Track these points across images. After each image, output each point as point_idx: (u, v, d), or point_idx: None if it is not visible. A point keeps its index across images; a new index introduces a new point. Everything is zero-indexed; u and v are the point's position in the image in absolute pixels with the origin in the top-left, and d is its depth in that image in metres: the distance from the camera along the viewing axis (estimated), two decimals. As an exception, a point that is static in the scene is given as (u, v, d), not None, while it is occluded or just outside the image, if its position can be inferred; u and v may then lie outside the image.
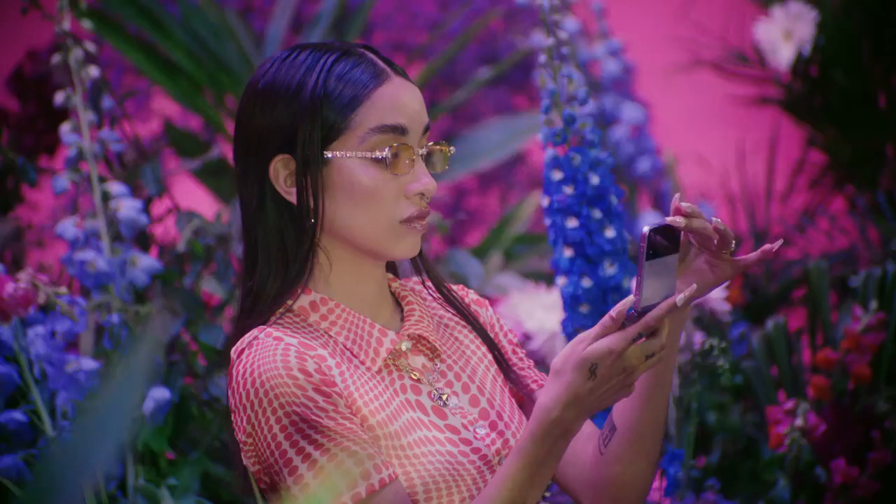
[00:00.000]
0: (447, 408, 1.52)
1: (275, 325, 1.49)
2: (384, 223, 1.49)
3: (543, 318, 2.49)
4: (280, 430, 1.43)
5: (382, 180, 1.49)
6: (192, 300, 2.31)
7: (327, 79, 1.49)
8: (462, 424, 1.52)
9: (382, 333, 1.52)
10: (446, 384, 1.54)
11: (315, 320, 1.51)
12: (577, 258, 1.97)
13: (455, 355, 1.58)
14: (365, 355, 1.51)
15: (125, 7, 3.09)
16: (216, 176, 3.22)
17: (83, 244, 2.23)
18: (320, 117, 1.49)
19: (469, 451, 1.50)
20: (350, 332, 1.51)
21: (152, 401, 2.13)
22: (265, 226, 1.51)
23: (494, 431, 1.53)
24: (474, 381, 1.56)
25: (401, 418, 1.48)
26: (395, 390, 1.51)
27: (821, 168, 3.47)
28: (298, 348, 1.45)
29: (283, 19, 3.42)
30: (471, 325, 1.59)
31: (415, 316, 1.56)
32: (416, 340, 1.55)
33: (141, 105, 3.67)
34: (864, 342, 2.28)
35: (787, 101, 3.44)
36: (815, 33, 3.31)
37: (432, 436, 1.49)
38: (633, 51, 3.65)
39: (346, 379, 1.47)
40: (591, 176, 1.97)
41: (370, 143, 1.49)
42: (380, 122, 1.49)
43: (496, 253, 3.13)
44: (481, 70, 3.59)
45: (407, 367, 1.53)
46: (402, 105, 1.50)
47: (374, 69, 1.51)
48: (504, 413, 1.55)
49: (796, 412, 2.23)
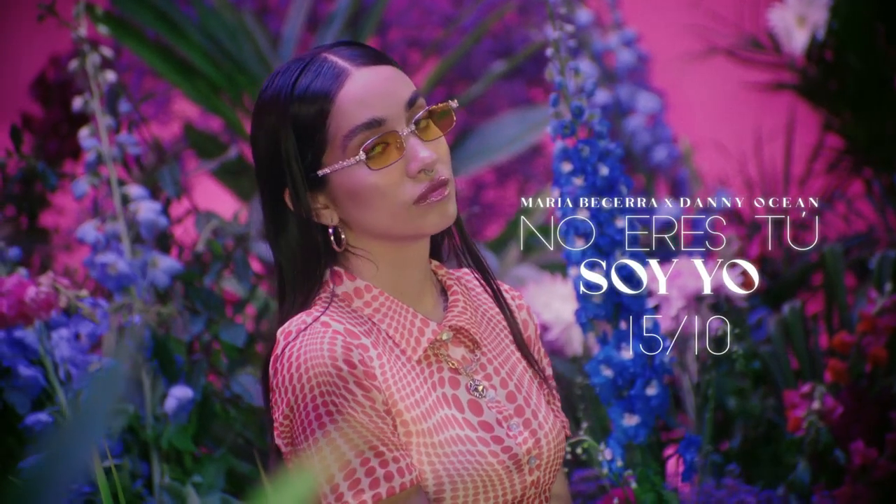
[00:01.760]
0: (483, 400, 1.55)
1: (320, 309, 1.52)
2: (401, 211, 1.51)
3: (560, 308, 2.51)
4: (315, 419, 1.45)
5: (380, 175, 1.51)
6: (212, 299, 2.34)
7: (291, 106, 1.51)
8: (497, 420, 1.54)
9: (424, 324, 1.55)
10: (485, 377, 1.57)
11: (359, 306, 1.54)
12: (589, 249, 1.99)
13: (495, 350, 1.60)
14: (406, 344, 1.53)
15: (141, 11, 3.13)
16: (236, 175, 3.25)
17: (104, 247, 2.27)
18: (298, 145, 1.51)
19: (500, 450, 1.52)
20: (392, 321, 1.54)
21: (175, 399, 2.17)
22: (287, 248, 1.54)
23: (528, 430, 1.55)
24: (512, 377, 1.58)
25: (435, 415, 1.51)
26: (433, 383, 1.53)
27: (838, 152, 3.47)
28: (345, 337, 1.48)
29: (299, 19, 3.45)
30: (498, 305, 1.61)
31: (458, 307, 1.58)
32: (456, 331, 1.57)
33: (161, 107, 3.71)
34: (880, 324, 2.29)
35: (802, 87, 3.43)
36: (828, 18, 3.31)
37: (464, 435, 1.51)
38: (648, 40, 3.66)
39: (385, 371, 1.50)
40: (601, 167, 1.99)
41: (352, 147, 1.51)
42: (350, 125, 1.51)
43: (514, 245, 3.15)
44: (496, 64, 3.61)
45: (447, 357, 1.56)
46: (368, 97, 1.50)
47: (333, 72, 1.51)
48: (539, 413, 1.57)
49: (813, 395, 2.25)
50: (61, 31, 2.37)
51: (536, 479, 1.55)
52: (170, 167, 2.43)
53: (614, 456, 1.98)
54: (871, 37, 3.31)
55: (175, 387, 2.19)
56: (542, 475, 1.56)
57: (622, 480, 1.96)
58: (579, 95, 1.99)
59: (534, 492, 1.55)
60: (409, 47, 3.77)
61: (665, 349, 2.03)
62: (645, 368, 2.00)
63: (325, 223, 1.54)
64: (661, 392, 2.01)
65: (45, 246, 2.98)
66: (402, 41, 3.76)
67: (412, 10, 3.75)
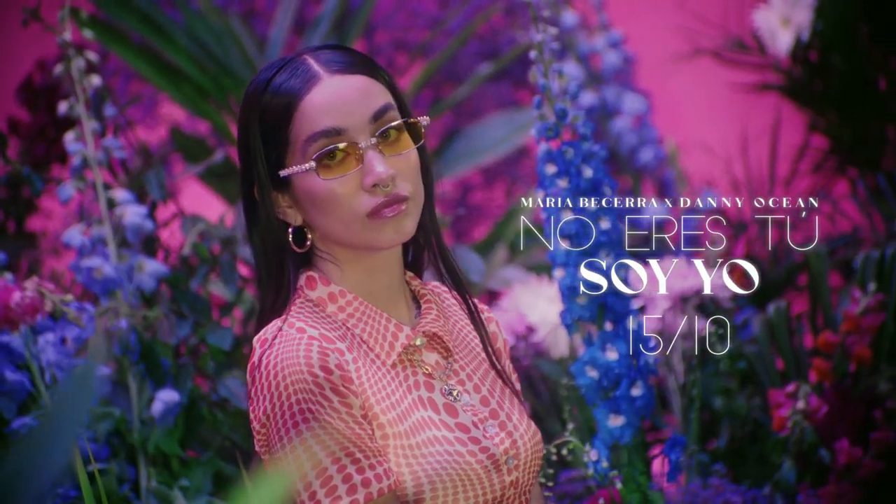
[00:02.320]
0: (458, 403, 1.56)
1: (295, 315, 1.53)
2: (354, 222, 1.52)
3: (546, 310, 2.52)
4: (293, 426, 1.46)
5: (335, 183, 1.52)
6: (199, 303, 2.35)
7: (262, 101, 1.53)
8: (472, 422, 1.55)
9: (398, 328, 1.56)
10: (458, 382, 1.58)
11: (333, 311, 1.55)
12: (573, 250, 2.00)
13: (467, 358, 1.61)
14: (380, 348, 1.54)
15: (127, 15, 3.13)
16: (222, 179, 3.25)
17: (90, 251, 2.27)
18: (264, 143, 1.53)
19: (478, 450, 1.53)
20: (366, 325, 1.55)
21: (161, 403, 2.17)
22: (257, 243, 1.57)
23: (504, 431, 1.56)
24: (485, 383, 1.60)
25: (411, 417, 1.51)
26: (408, 386, 1.54)
27: (823, 152, 3.49)
28: (321, 343, 1.49)
29: (286, 22, 3.45)
30: (471, 320, 1.63)
31: (431, 314, 1.59)
32: (430, 338, 1.58)
33: (148, 111, 3.71)
34: (864, 324, 2.30)
35: (787, 87, 3.45)
36: (813, 18, 3.32)
37: (441, 435, 1.51)
38: (634, 42, 3.67)
39: (361, 375, 1.51)
40: (585, 169, 2.00)
41: (310, 153, 1.52)
42: (310, 130, 1.52)
43: (501, 246, 3.16)
44: (483, 66, 3.62)
45: (420, 362, 1.57)
46: (333, 106, 1.51)
47: (305, 76, 1.53)
48: (513, 416, 1.58)
49: (798, 395, 2.26)
50: (48, 35, 2.37)
51: (515, 479, 1.56)
52: (155, 171, 2.44)
53: (600, 457, 1.99)
54: (855, 37, 3.32)
55: (162, 390, 2.20)
56: (520, 476, 1.56)
57: (608, 481, 1.97)
58: (563, 97, 2.00)
59: (513, 492, 1.56)
60: (395, 50, 3.77)
61: (651, 350, 2.03)
62: (630, 369, 2.01)
63: (289, 222, 1.56)
64: (646, 393, 2.02)
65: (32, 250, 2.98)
66: (389, 44, 3.77)
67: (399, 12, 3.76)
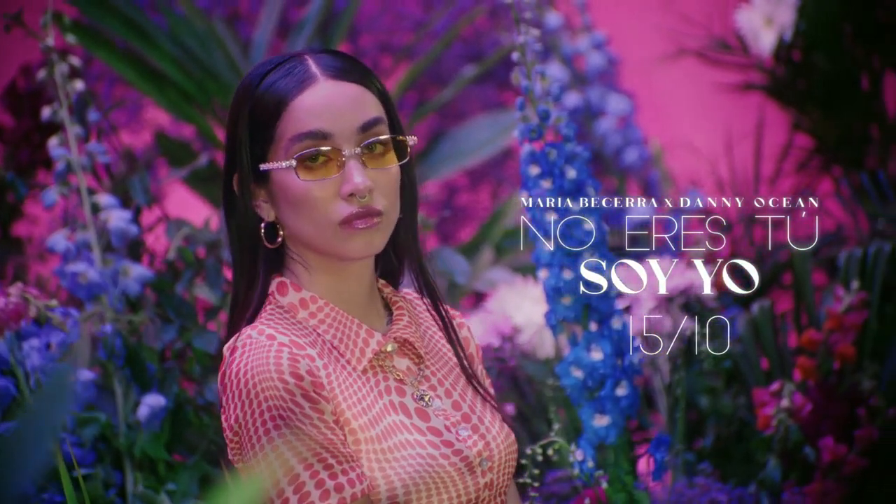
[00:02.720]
0: (430, 409, 1.56)
1: (265, 322, 1.53)
2: (325, 227, 1.53)
3: (531, 310, 2.53)
4: (264, 433, 1.46)
5: (312, 186, 1.52)
6: (184, 307, 2.35)
7: (255, 94, 1.54)
8: (444, 426, 1.55)
9: (369, 334, 1.56)
10: (430, 388, 1.58)
11: (304, 317, 1.55)
12: (557, 251, 2.01)
13: (438, 364, 1.62)
14: (351, 354, 1.55)
15: (111, 19, 3.13)
16: (208, 183, 3.25)
17: (75, 256, 2.27)
18: (251, 134, 1.54)
19: (450, 453, 1.53)
20: (337, 331, 1.55)
21: (147, 407, 2.17)
22: (232, 232, 1.58)
23: (476, 434, 1.57)
24: (456, 388, 1.60)
25: (383, 422, 1.52)
26: (379, 391, 1.54)
27: (807, 151, 3.50)
28: (291, 349, 1.49)
29: (269, 25, 3.46)
30: (445, 334, 1.63)
31: (403, 321, 1.60)
32: (401, 344, 1.59)
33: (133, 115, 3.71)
34: (847, 322, 2.31)
35: (771, 87, 3.47)
36: (795, 18, 3.34)
37: (413, 439, 1.52)
38: (618, 43, 3.68)
39: (332, 381, 1.51)
40: (568, 170, 2.01)
41: (293, 152, 1.52)
42: (297, 130, 1.52)
43: (487, 248, 3.16)
44: (467, 68, 3.62)
45: (392, 368, 1.57)
46: (323, 109, 1.52)
47: (302, 75, 1.53)
48: (485, 419, 1.59)
49: (783, 393, 2.27)
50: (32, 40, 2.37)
51: (490, 480, 1.56)
52: (140, 175, 2.43)
53: (585, 456, 1.99)
54: (837, 37, 3.34)
55: (147, 395, 2.20)
56: (495, 477, 1.57)
57: (593, 481, 1.98)
58: (546, 99, 2.00)
59: (488, 494, 1.56)
60: (380, 52, 3.78)
61: (636, 350, 2.04)
62: (615, 369, 2.01)
63: (263, 217, 1.56)
64: (631, 392, 2.02)
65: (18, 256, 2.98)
66: (374, 46, 3.77)
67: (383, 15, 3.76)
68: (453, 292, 2.89)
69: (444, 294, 1.66)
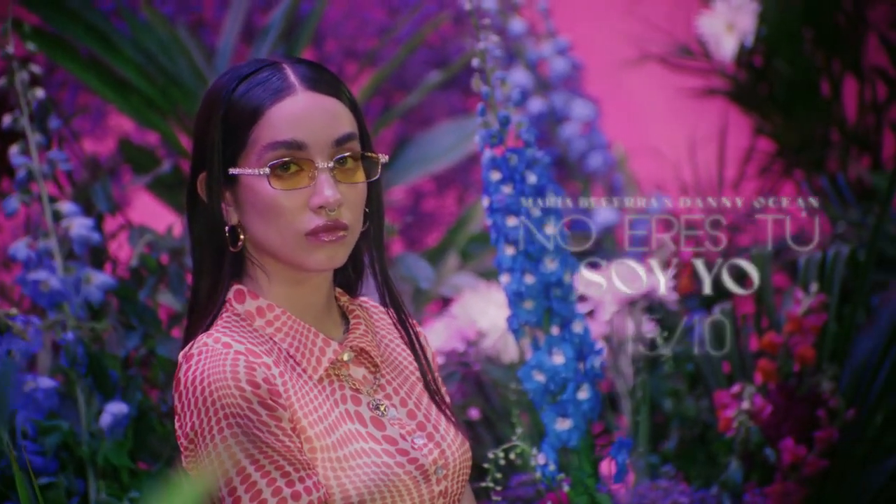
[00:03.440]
0: (385, 418, 1.57)
1: (221, 330, 1.53)
2: (291, 237, 1.53)
3: (496, 315, 2.54)
4: (221, 441, 1.46)
5: (282, 195, 1.53)
6: (147, 314, 2.34)
7: (231, 98, 1.54)
8: (400, 435, 1.56)
9: (326, 343, 1.57)
10: (385, 396, 1.59)
11: (260, 325, 1.55)
12: (519, 256, 2.02)
13: (394, 372, 1.62)
14: (307, 363, 1.55)
15: (74, 27, 3.11)
16: (173, 190, 3.24)
17: (36, 264, 2.26)
18: (223, 137, 1.54)
19: (406, 461, 1.54)
20: (294, 340, 1.56)
21: (110, 415, 2.17)
22: (196, 234, 1.57)
23: (432, 442, 1.58)
24: (411, 397, 1.61)
25: (338, 430, 1.52)
26: (335, 400, 1.55)
27: (769, 155, 3.54)
28: (248, 357, 1.49)
29: (234, 32, 3.45)
30: (411, 349, 1.64)
31: (359, 330, 1.61)
32: (358, 352, 1.60)
33: (98, 123, 3.70)
34: (806, 324, 2.34)
35: (733, 92, 3.50)
36: (756, 24, 3.37)
37: (369, 447, 1.53)
38: (581, 48, 3.70)
39: (288, 389, 1.51)
40: (529, 175, 2.02)
41: (266, 160, 1.53)
42: (272, 138, 1.53)
43: (453, 253, 3.17)
44: (432, 74, 3.63)
45: (348, 377, 1.58)
46: (300, 120, 1.53)
47: (280, 84, 1.54)
48: (440, 427, 1.60)
49: (743, 396, 2.29)
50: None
51: (444, 488, 1.57)
52: (102, 182, 2.43)
53: (547, 460, 2.00)
54: (798, 42, 3.38)
55: (110, 403, 2.19)
56: (449, 485, 1.58)
57: (555, 484, 1.99)
58: (506, 104, 2.01)
59: (443, 501, 1.57)
60: (345, 58, 3.78)
61: (598, 353, 2.05)
62: (576, 373, 2.03)
63: (226, 219, 1.57)
64: (592, 396, 2.04)
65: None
66: (338, 52, 3.77)
67: (347, 20, 3.77)
68: (419, 298, 2.90)
69: (408, 304, 1.67)
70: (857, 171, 3.41)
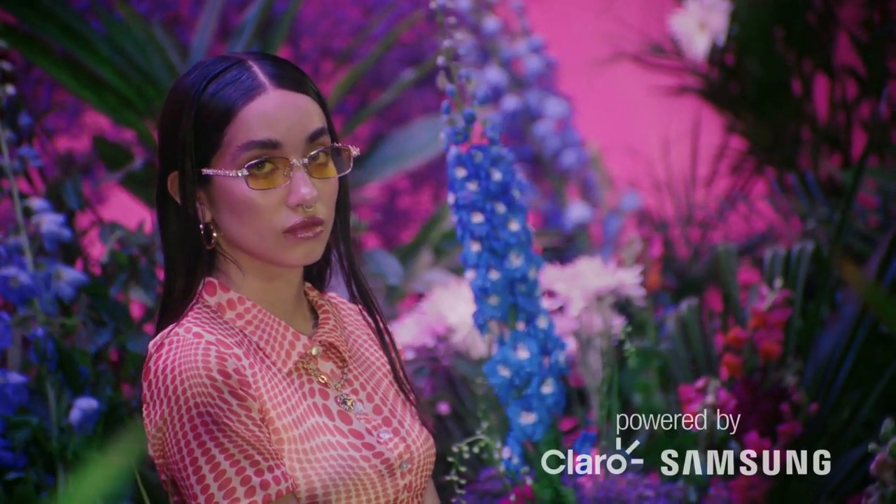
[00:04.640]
0: (352, 412, 1.59)
1: (192, 321, 1.55)
2: (269, 235, 1.55)
3: (465, 311, 2.56)
4: (191, 429, 1.48)
5: (259, 194, 1.54)
6: (118, 310, 2.35)
7: (201, 98, 1.54)
8: (366, 429, 1.58)
9: (295, 337, 1.59)
10: (352, 391, 1.61)
11: (231, 318, 1.57)
12: (484, 252, 2.04)
13: (361, 368, 1.64)
14: (277, 356, 1.57)
15: (48, 26, 3.12)
16: (146, 186, 3.26)
17: (7, 260, 2.27)
18: (195, 137, 1.54)
19: (371, 455, 1.56)
20: (264, 333, 1.57)
21: (80, 410, 2.18)
22: (169, 234, 1.58)
23: (397, 437, 1.60)
24: (378, 392, 1.63)
25: (306, 423, 1.54)
26: (303, 393, 1.57)
27: (741, 153, 3.57)
28: (218, 347, 1.51)
29: (209, 30, 3.46)
30: (380, 340, 1.66)
31: (328, 325, 1.62)
32: (326, 347, 1.61)
33: (73, 120, 3.71)
34: (771, 320, 2.36)
35: (705, 90, 3.53)
36: (728, 23, 3.40)
37: (335, 441, 1.55)
38: (555, 47, 3.73)
39: (257, 380, 1.53)
40: (494, 172, 2.04)
41: (241, 160, 1.54)
42: (247, 138, 1.54)
43: (426, 250, 3.19)
44: (407, 72, 3.65)
45: (316, 371, 1.60)
46: (273, 119, 1.54)
47: (250, 83, 1.54)
48: (405, 422, 1.62)
49: (707, 389, 2.31)
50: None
51: (409, 482, 1.60)
52: (73, 179, 2.44)
53: (512, 454, 2.03)
54: (769, 41, 3.41)
55: (80, 398, 2.20)
56: (413, 479, 1.60)
57: (520, 478, 2.01)
58: (471, 102, 2.03)
59: (407, 495, 1.59)
60: (320, 56, 3.80)
61: (562, 348, 2.08)
62: (541, 368, 2.05)
63: (199, 218, 1.58)
64: (557, 390, 2.06)
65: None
66: (314, 50, 3.79)
67: (323, 19, 3.78)
68: (392, 294, 2.92)
69: (381, 301, 1.68)
70: (828, 169, 3.44)
